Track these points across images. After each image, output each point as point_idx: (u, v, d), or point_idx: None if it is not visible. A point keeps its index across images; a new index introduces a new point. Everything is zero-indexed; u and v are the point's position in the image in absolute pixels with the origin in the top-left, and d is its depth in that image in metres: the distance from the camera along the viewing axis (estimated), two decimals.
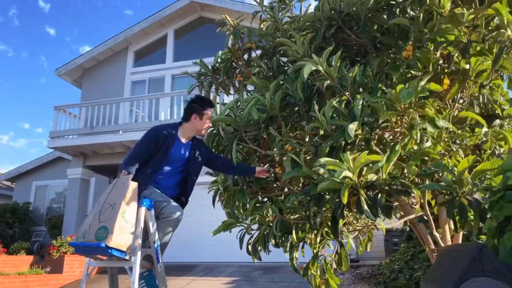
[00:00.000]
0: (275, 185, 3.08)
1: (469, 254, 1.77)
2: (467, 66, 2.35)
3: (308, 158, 2.83)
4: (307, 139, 2.75)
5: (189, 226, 6.17)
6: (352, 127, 2.01)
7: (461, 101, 2.65)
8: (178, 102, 10.25)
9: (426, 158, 2.28)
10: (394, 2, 2.49)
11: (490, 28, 2.21)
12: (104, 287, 2.70)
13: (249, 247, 2.94)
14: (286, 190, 3.05)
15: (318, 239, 2.95)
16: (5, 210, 12.20)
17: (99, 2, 50.95)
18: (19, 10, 47.28)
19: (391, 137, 2.48)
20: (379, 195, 2.03)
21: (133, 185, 2.42)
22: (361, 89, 2.38)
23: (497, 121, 2.64)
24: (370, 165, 1.98)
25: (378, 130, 2.26)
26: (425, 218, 2.58)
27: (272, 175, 2.98)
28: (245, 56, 3.29)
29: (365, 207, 1.91)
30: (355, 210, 2.02)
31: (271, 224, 2.69)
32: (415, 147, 2.17)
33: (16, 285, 7.61)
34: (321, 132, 2.68)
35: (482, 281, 1.66)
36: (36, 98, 58.99)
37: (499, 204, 1.38)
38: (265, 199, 3.12)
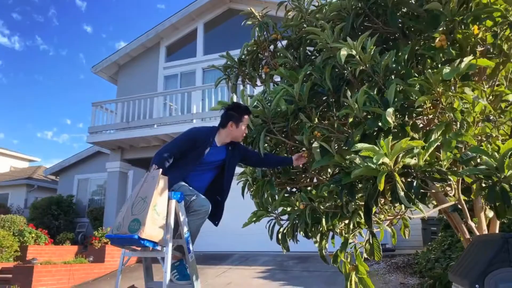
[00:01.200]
0: (303, 175, 3.08)
1: (495, 245, 1.72)
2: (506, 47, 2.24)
3: (336, 147, 2.81)
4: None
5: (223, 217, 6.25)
6: (390, 111, 1.97)
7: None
8: (209, 95, 10.37)
9: (460, 145, 2.21)
10: None
11: None
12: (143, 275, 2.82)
13: (279, 235, 2.96)
14: (314, 180, 3.04)
15: (351, 227, 2.93)
16: (50, 202, 12.85)
17: None
18: (57, 10, 49.21)
19: (421, 125, 2.41)
20: (415, 181, 1.98)
21: (163, 178, 2.49)
22: (392, 76, 2.33)
23: None
24: (406, 151, 1.93)
25: (411, 116, 2.20)
26: (459, 207, 2.50)
27: (301, 165, 2.97)
28: (271, 47, 3.27)
29: (401, 193, 1.85)
30: (389, 198, 1.97)
31: (298, 213, 2.70)
32: (451, 134, 2.10)
33: (62, 273, 8.05)
34: (350, 120, 2.66)
35: (508, 271, 1.61)
36: (76, 94, 61.51)
37: None
38: (293, 190, 3.12)
